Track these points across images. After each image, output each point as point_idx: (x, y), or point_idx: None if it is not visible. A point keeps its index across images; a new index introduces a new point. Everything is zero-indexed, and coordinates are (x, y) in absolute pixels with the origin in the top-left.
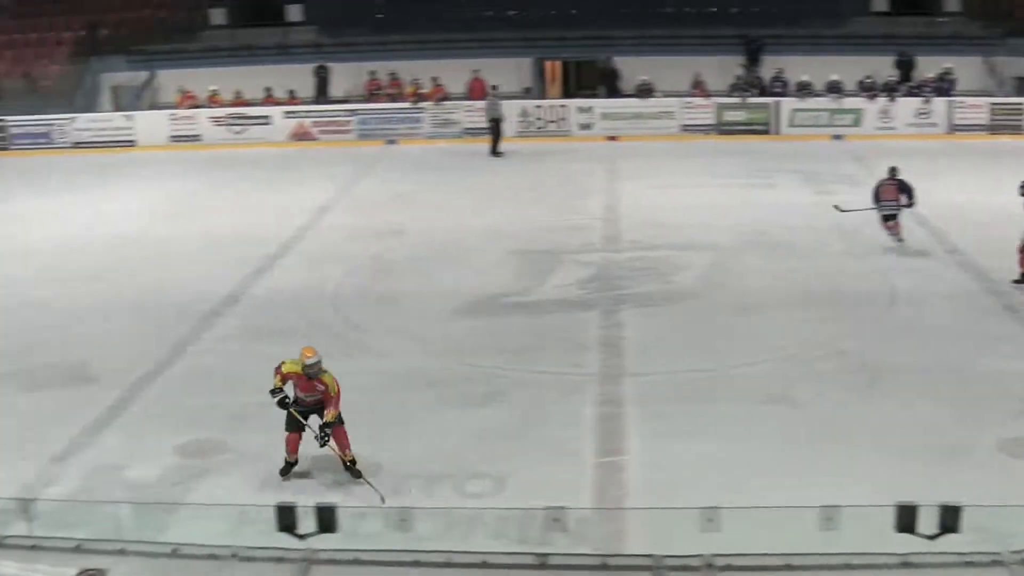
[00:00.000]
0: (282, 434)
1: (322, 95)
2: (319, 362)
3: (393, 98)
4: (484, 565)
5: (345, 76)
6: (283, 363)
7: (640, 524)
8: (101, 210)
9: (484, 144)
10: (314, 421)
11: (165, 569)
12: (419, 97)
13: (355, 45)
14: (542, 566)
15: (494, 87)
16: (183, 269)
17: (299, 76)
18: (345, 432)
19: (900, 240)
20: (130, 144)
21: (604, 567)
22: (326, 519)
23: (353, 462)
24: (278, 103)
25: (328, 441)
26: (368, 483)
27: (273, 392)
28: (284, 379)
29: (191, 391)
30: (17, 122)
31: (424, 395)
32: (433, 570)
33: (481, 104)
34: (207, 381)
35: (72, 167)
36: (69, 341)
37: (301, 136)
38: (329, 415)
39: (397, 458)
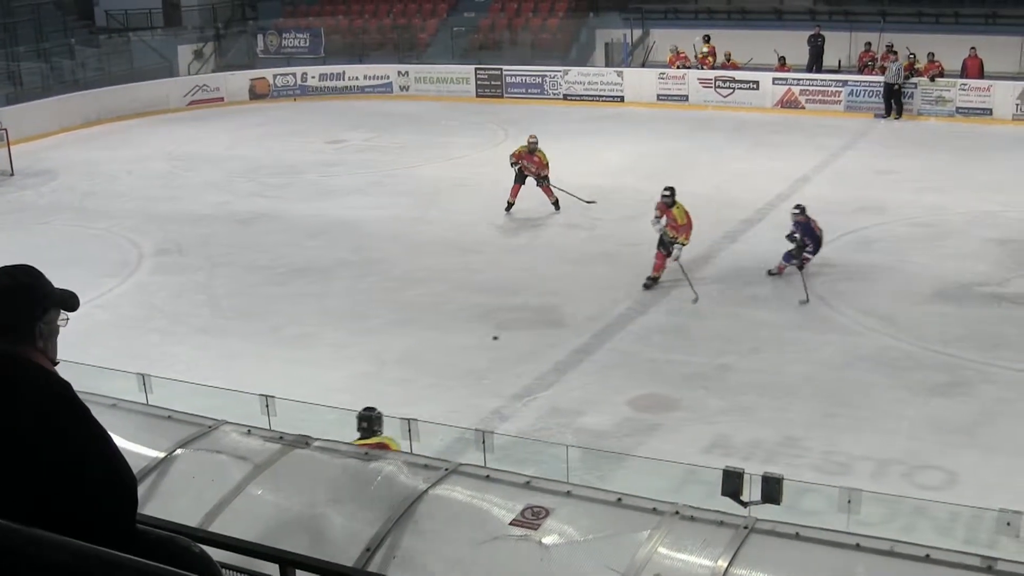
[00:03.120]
0: None
1: (816, 64)
2: (537, 141)
3: (884, 71)
4: (927, 560)
5: (839, 46)
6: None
7: None
8: (586, 161)
9: (976, 124)
10: (529, 181)
11: (607, 516)
12: (913, 72)
13: (853, 14)
14: (988, 570)
15: None
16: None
17: (792, 43)
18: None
19: None
20: (619, 100)
21: None
22: (771, 489)
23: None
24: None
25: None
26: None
27: (513, 164)
28: (516, 157)
29: (652, 346)
30: (513, 71)
31: (885, 377)
32: (874, 556)
33: (977, 84)
34: (669, 338)
35: (561, 117)
36: (542, 285)
37: (788, 104)
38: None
39: (849, 437)
